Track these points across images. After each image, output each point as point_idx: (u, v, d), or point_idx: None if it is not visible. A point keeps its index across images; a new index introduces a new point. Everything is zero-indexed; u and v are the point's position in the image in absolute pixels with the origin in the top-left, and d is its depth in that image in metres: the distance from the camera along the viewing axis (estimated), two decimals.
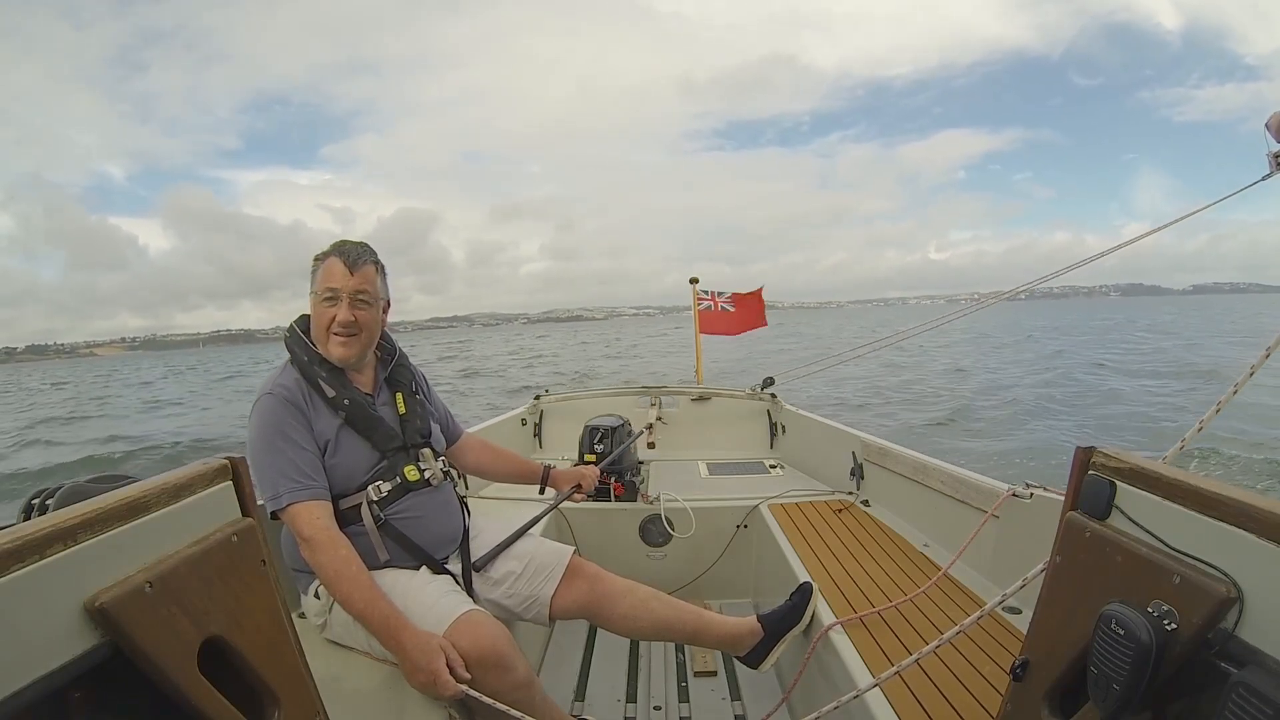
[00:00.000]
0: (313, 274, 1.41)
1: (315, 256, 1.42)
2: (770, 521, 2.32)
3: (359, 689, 1.27)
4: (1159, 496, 0.76)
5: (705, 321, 4.55)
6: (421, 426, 1.51)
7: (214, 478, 0.85)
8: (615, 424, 2.77)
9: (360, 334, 1.39)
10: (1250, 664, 0.61)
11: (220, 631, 0.78)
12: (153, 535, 0.74)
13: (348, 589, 1.24)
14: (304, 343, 1.41)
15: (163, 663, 0.69)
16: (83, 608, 0.65)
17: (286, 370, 1.40)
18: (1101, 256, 2.21)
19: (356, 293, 1.37)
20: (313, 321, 1.41)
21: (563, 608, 1.54)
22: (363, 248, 1.41)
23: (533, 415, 3.67)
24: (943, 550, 1.98)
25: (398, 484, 1.41)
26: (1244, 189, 1.36)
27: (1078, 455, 0.89)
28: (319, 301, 1.38)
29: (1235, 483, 0.73)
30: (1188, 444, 0.95)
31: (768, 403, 3.66)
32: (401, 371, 1.56)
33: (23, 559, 0.60)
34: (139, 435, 13.25)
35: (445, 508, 1.50)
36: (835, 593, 1.72)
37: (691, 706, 1.91)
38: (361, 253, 1.40)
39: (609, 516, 2.57)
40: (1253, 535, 0.64)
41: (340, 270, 1.37)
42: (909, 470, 2.24)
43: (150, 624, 0.69)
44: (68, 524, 0.65)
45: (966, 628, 1.07)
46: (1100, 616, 0.73)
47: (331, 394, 1.38)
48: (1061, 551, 0.89)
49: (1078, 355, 19.65)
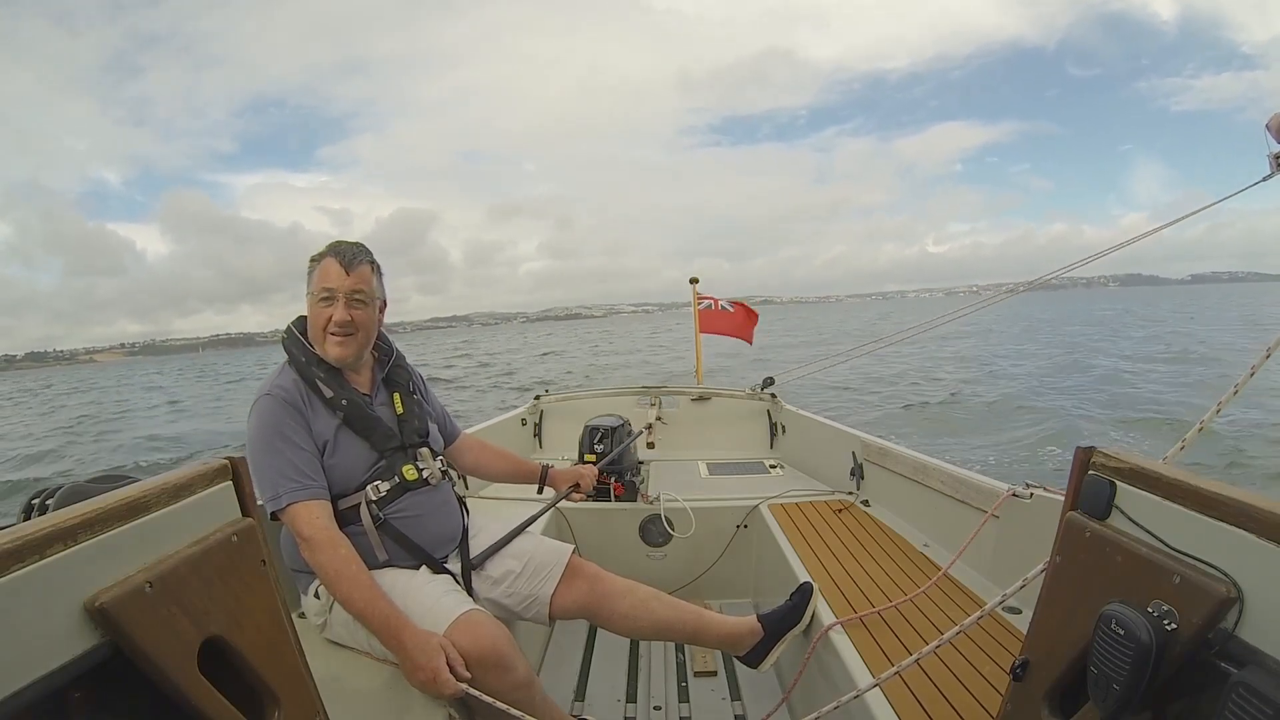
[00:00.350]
0: (309, 275, 1.41)
1: (311, 257, 1.42)
2: (770, 521, 2.32)
3: (359, 689, 1.27)
4: (1159, 496, 0.76)
5: (705, 320, 4.57)
6: (419, 426, 1.51)
7: (214, 478, 0.85)
8: (615, 424, 2.77)
9: (357, 334, 1.39)
10: (1250, 664, 0.61)
11: (220, 631, 0.78)
12: (153, 535, 0.74)
13: (348, 589, 1.24)
14: (301, 344, 1.42)
15: (163, 663, 0.69)
16: (83, 608, 0.65)
17: (284, 371, 1.41)
18: (1120, 248, 2.16)
19: (352, 292, 1.37)
20: (309, 322, 1.41)
21: (562, 607, 1.54)
22: (358, 248, 1.42)
23: (532, 415, 3.67)
24: (943, 550, 1.98)
25: (396, 484, 1.41)
26: (1245, 189, 1.37)
27: (1078, 455, 0.89)
28: (315, 302, 1.39)
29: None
30: (1189, 444, 0.95)
31: (768, 403, 3.66)
32: (399, 372, 1.56)
33: (23, 559, 0.60)
34: (174, 435, 13.52)
35: (444, 507, 1.50)
36: (835, 593, 1.72)
37: (691, 706, 1.91)
38: (357, 253, 1.40)
39: (609, 516, 2.57)
40: (1253, 535, 0.64)
41: (336, 270, 1.37)
42: (909, 470, 2.24)
43: (150, 624, 0.69)
44: (68, 524, 0.65)
45: (966, 628, 1.07)
46: (1100, 616, 0.73)
47: (329, 394, 1.38)
48: (1061, 551, 0.89)
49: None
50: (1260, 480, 5.95)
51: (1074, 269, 2.40)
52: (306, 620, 1.41)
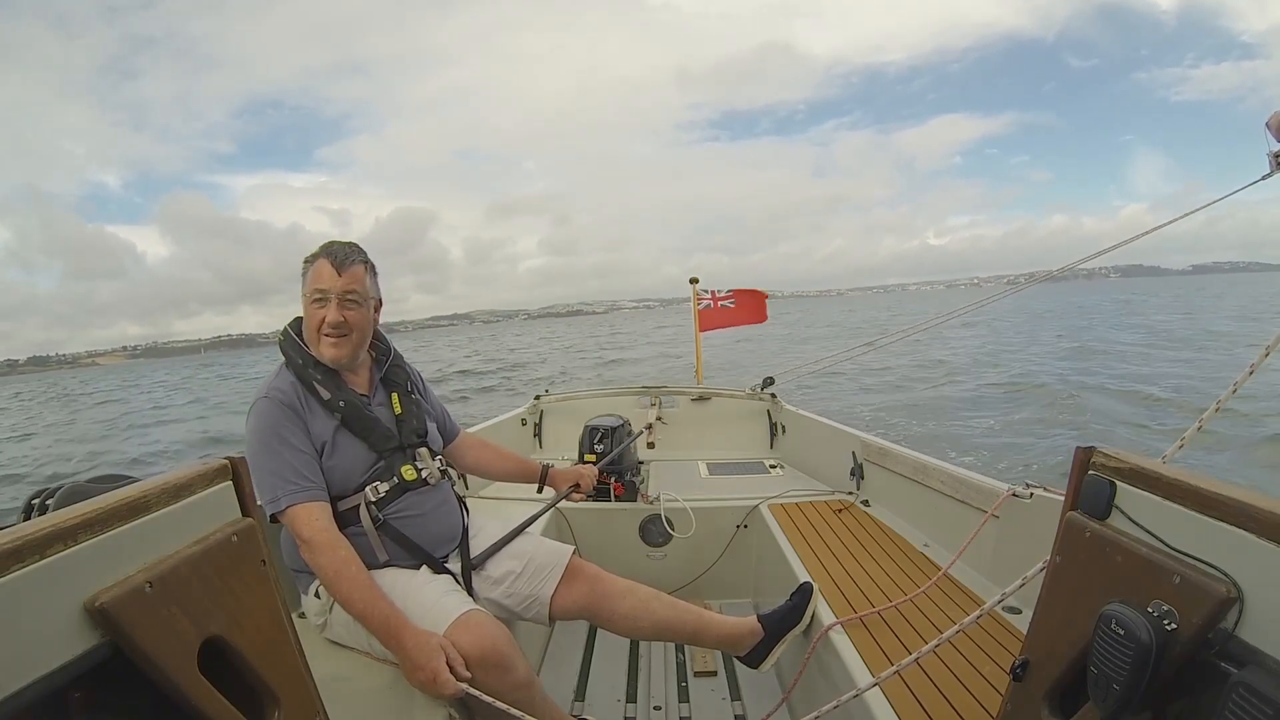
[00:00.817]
0: (303, 276, 1.41)
1: (305, 259, 1.42)
2: (770, 521, 2.32)
3: (359, 689, 1.27)
4: (1159, 496, 0.76)
5: (705, 319, 4.57)
6: (418, 426, 1.51)
7: (214, 478, 0.85)
8: (615, 424, 2.77)
9: (351, 334, 1.39)
10: (1250, 664, 0.61)
11: (220, 631, 0.78)
12: (153, 535, 0.74)
13: (348, 589, 1.24)
14: (298, 345, 1.42)
15: (163, 663, 0.69)
16: (83, 608, 0.65)
17: (282, 373, 1.41)
18: (1132, 241, 2.14)
19: (345, 293, 1.37)
20: (305, 323, 1.41)
21: (563, 608, 1.54)
22: (351, 248, 1.41)
23: (532, 415, 3.67)
24: (943, 550, 1.98)
25: (395, 484, 1.41)
26: (1245, 187, 1.37)
27: (1078, 455, 0.89)
28: (309, 303, 1.38)
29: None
30: (1187, 442, 0.95)
31: (767, 403, 3.66)
32: (397, 371, 1.56)
33: (23, 559, 0.60)
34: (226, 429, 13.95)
35: (443, 507, 1.50)
36: (835, 593, 1.72)
37: (691, 706, 1.91)
38: (349, 253, 1.40)
39: (609, 516, 2.57)
40: (1253, 535, 0.64)
41: (329, 271, 1.37)
42: (909, 470, 2.24)
43: (150, 624, 0.69)
44: (68, 524, 0.65)
45: (966, 627, 1.07)
46: (1100, 616, 0.73)
47: (327, 396, 1.38)
48: (1061, 551, 0.89)
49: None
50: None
51: (1082, 264, 2.40)
52: (307, 620, 1.41)
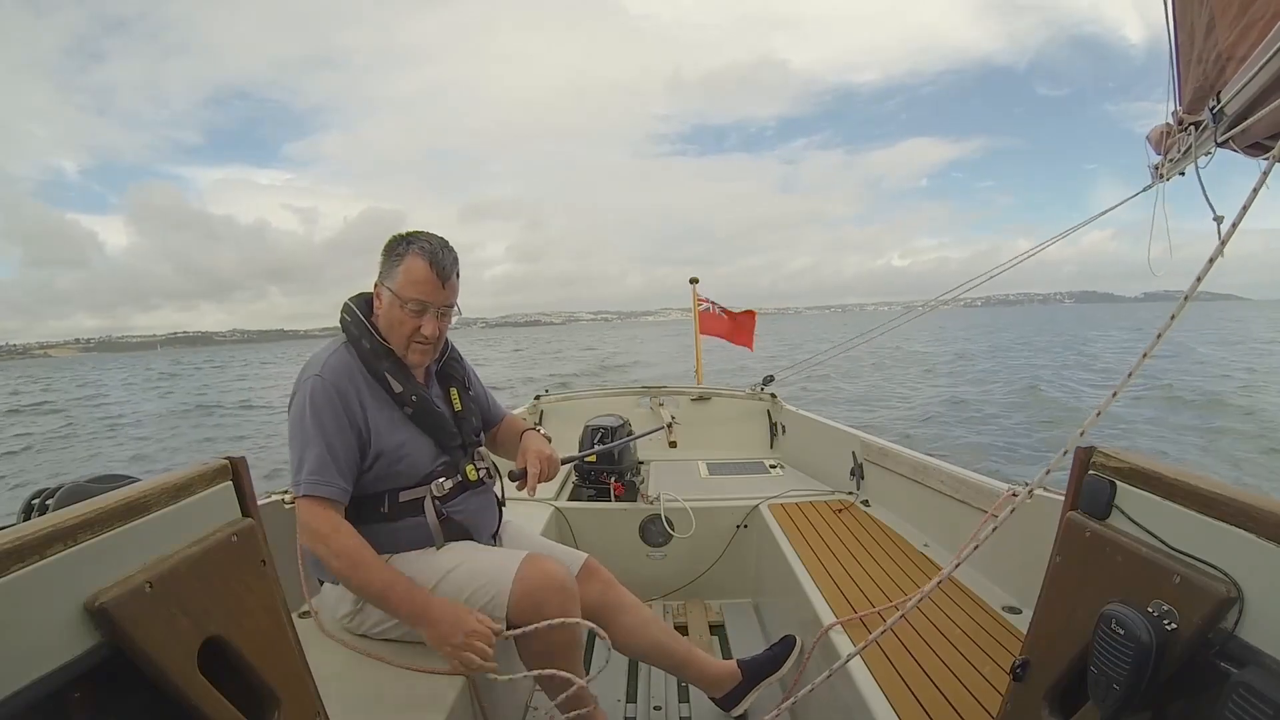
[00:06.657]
0: (391, 264, 1.34)
1: (395, 240, 1.34)
2: (770, 521, 2.32)
3: (359, 689, 1.27)
4: (1159, 496, 0.76)
5: (705, 323, 4.59)
6: (476, 425, 1.53)
7: (214, 478, 0.85)
8: (615, 424, 2.77)
9: (438, 342, 1.39)
10: (1250, 664, 0.61)
11: (220, 631, 0.78)
12: (153, 535, 0.74)
13: (364, 575, 1.24)
14: (367, 329, 1.36)
15: (163, 663, 0.69)
16: (83, 608, 0.64)
17: (339, 352, 1.35)
18: (1007, 268, 2.65)
19: (445, 306, 1.35)
20: (389, 323, 1.35)
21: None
22: (451, 255, 1.36)
23: (532, 415, 3.67)
24: (943, 550, 1.98)
25: (458, 481, 1.43)
26: (1127, 200, 1.47)
27: (1078, 455, 0.89)
28: (402, 308, 1.32)
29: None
30: (1088, 429, 0.96)
31: (767, 403, 3.66)
32: (454, 366, 1.54)
33: (23, 559, 0.60)
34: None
35: (490, 506, 1.54)
36: (835, 593, 1.72)
37: (691, 707, 1.91)
38: (452, 262, 1.35)
39: (609, 516, 2.57)
40: (1253, 535, 0.64)
41: (432, 281, 1.32)
42: (909, 470, 2.24)
43: (150, 624, 0.69)
44: (68, 524, 0.65)
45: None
46: (1100, 616, 0.73)
47: (399, 389, 1.36)
48: (1061, 551, 0.89)
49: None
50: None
51: (963, 292, 2.90)
52: (310, 619, 1.42)
